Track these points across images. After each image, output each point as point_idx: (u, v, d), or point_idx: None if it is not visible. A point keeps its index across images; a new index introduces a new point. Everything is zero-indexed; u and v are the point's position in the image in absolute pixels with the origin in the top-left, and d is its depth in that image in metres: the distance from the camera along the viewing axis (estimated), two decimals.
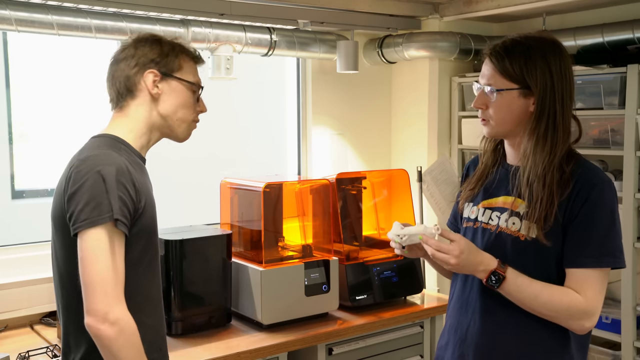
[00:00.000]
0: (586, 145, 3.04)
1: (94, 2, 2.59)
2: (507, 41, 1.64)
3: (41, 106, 3.05)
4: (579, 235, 1.58)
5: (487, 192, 1.75)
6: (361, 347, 2.68)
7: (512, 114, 1.63)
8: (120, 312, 1.47)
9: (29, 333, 2.59)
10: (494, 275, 1.59)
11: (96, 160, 1.51)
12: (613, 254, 1.58)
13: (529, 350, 1.66)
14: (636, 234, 2.83)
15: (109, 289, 1.46)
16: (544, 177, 1.59)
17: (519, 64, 1.59)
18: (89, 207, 1.47)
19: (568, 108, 1.61)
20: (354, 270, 2.77)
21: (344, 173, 3.03)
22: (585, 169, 1.62)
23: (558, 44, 1.66)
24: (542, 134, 1.60)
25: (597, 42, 3.05)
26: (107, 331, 1.45)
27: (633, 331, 2.84)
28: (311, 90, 3.57)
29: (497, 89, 1.62)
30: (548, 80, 1.59)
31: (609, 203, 1.59)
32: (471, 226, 1.77)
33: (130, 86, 1.65)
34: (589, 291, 1.57)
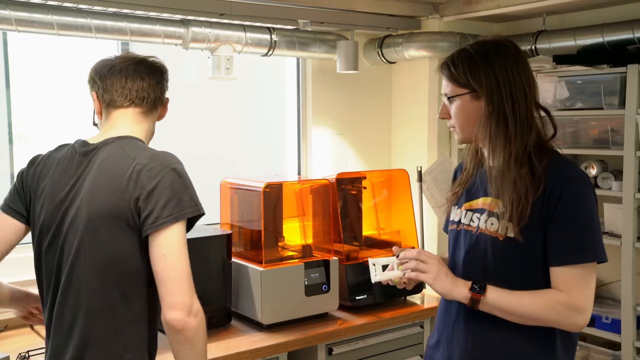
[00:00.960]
0: (586, 145, 3.04)
1: (94, 2, 2.59)
2: (455, 52, 1.73)
3: (41, 106, 3.04)
4: (558, 233, 1.59)
5: (469, 195, 1.79)
6: (361, 347, 2.68)
7: (469, 117, 1.68)
8: (199, 305, 1.59)
9: (29, 333, 2.58)
10: (476, 284, 1.61)
11: (165, 157, 1.64)
12: (594, 249, 1.59)
13: (514, 350, 1.67)
14: (636, 234, 2.83)
15: (191, 283, 1.57)
16: (505, 175, 1.62)
17: (462, 69, 1.67)
18: (171, 203, 1.57)
19: (521, 103, 1.63)
20: (354, 270, 2.77)
21: (344, 173, 3.04)
22: (559, 165, 1.63)
23: (504, 45, 1.69)
24: (494, 131, 1.63)
25: (597, 42, 3.05)
26: (192, 323, 1.55)
27: (633, 331, 2.84)
28: (311, 90, 3.57)
29: (450, 96, 1.71)
30: (492, 80, 1.63)
31: (586, 198, 1.60)
32: (455, 228, 1.80)
33: (158, 102, 1.82)
34: (572, 288, 1.57)
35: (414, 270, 1.67)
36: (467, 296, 1.61)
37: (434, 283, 1.64)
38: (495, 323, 1.65)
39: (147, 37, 2.77)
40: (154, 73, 1.81)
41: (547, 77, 3.08)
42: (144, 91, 1.77)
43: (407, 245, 2.99)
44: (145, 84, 1.77)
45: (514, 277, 1.64)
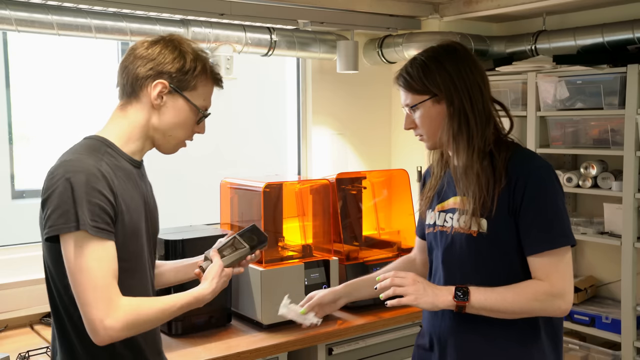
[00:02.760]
0: (586, 145, 3.04)
1: (94, 2, 2.59)
2: (407, 63, 1.76)
3: (41, 106, 3.05)
4: (529, 223, 1.63)
5: (440, 196, 1.83)
6: (361, 347, 2.68)
7: (434, 122, 1.72)
8: (114, 315, 1.44)
9: (29, 333, 2.59)
10: (459, 290, 1.63)
11: (68, 166, 1.48)
12: (565, 234, 1.63)
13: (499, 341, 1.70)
14: (636, 234, 2.83)
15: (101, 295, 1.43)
16: (469, 170, 1.67)
17: (418, 76, 1.71)
18: (55, 214, 1.44)
19: (477, 99, 1.68)
20: (354, 270, 2.77)
21: (344, 173, 3.04)
22: (522, 157, 1.68)
23: (453, 47, 1.75)
24: (457, 131, 1.68)
25: (597, 42, 3.05)
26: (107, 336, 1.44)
27: (633, 331, 2.84)
28: (311, 90, 3.57)
29: (412, 105, 1.75)
30: (448, 81, 1.68)
31: (551, 186, 1.65)
32: (432, 231, 1.83)
33: (136, 87, 1.59)
34: (551, 274, 1.62)
35: (394, 295, 1.68)
36: (452, 304, 1.63)
37: (417, 303, 1.66)
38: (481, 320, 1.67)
39: (147, 37, 2.76)
40: (127, 55, 1.61)
41: (547, 77, 3.08)
42: (122, 76, 1.60)
43: (407, 245, 2.99)
44: (119, 71, 1.61)
45: (492, 270, 1.68)
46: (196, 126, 1.66)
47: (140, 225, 1.60)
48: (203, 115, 1.65)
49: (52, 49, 3.03)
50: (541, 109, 3.13)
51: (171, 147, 1.66)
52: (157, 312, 1.52)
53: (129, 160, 1.60)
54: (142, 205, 1.62)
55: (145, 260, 1.64)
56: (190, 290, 1.60)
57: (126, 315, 1.45)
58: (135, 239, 1.58)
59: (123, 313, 1.45)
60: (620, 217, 2.87)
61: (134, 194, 1.59)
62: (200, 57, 1.62)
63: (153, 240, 1.71)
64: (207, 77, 1.63)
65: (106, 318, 1.43)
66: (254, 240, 1.79)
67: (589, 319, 3.00)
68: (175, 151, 1.68)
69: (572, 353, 3.09)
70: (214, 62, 1.68)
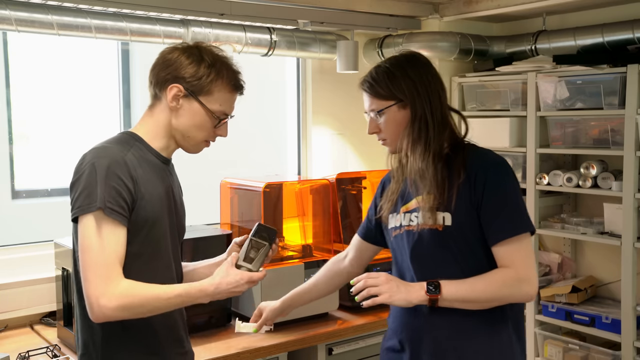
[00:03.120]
0: (586, 145, 3.04)
1: (94, 2, 2.59)
2: (372, 70, 1.85)
3: (41, 106, 3.05)
4: (490, 216, 1.72)
5: (404, 199, 1.89)
6: (361, 347, 2.68)
7: (399, 126, 1.82)
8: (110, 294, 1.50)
9: (29, 333, 2.59)
10: (430, 284, 1.70)
11: (95, 152, 1.59)
12: (524, 221, 1.74)
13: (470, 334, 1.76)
14: (636, 234, 2.83)
15: (98, 275, 1.50)
16: (424, 173, 1.77)
17: (385, 83, 1.80)
18: (82, 195, 1.54)
19: (437, 106, 1.80)
20: None
21: (344, 173, 3.04)
22: (478, 154, 1.80)
23: (415, 56, 1.86)
24: (416, 136, 1.78)
25: (597, 42, 3.05)
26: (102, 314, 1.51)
27: (633, 331, 2.84)
28: (311, 90, 3.57)
29: (378, 111, 1.83)
30: (412, 87, 1.78)
31: (507, 179, 1.76)
32: (398, 233, 1.89)
33: (158, 90, 1.69)
34: (515, 260, 1.70)
35: (369, 296, 1.75)
36: (425, 298, 1.70)
37: (391, 301, 1.73)
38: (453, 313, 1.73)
39: (147, 37, 2.77)
40: (156, 58, 1.72)
41: (547, 77, 3.08)
42: (149, 80, 1.71)
43: None
44: (149, 74, 1.72)
45: (460, 262, 1.75)
46: (216, 129, 1.74)
47: (162, 215, 1.67)
48: (219, 120, 1.72)
49: (52, 49, 3.03)
50: (541, 109, 3.13)
51: (191, 146, 1.75)
52: (153, 297, 1.56)
53: (157, 155, 1.71)
54: (166, 198, 1.70)
55: (166, 250, 1.70)
56: (189, 284, 1.64)
57: (122, 296, 1.51)
58: (155, 227, 1.65)
59: (119, 294, 1.51)
60: (620, 217, 2.87)
61: (158, 185, 1.67)
62: (218, 63, 1.69)
63: (179, 236, 1.79)
64: (223, 83, 1.70)
65: (102, 296, 1.49)
66: (268, 235, 1.84)
67: (589, 319, 3.00)
68: (198, 151, 1.77)
69: (572, 353, 3.09)
70: (237, 68, 1.74)
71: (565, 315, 3.08)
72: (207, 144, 1.77)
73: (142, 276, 1.60)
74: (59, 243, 2.49)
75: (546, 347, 3.17)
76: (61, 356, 2.31)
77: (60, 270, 2.46)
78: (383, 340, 1.99)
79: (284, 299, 2.19)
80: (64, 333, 2.46)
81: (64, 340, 2.46)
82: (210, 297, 1.63)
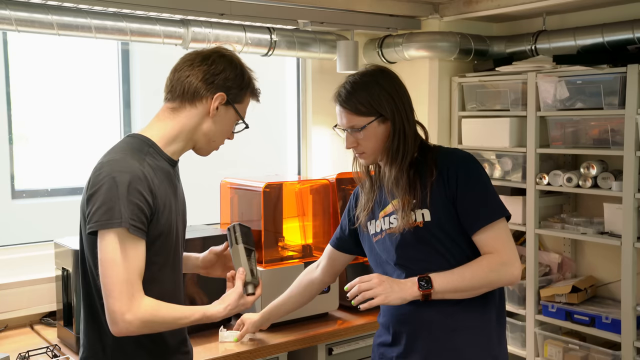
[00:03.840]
0: (586, 145, 3.04)
1: (94, 2, 2.59)
2: (347, 85, 1.88)
3: (41, 106, 3.05)
4: (467, 206, 1.81)
5: (380, 204, 1.94)
6: (361, 347, 2.68)
7: (379, 140, 1.87)
8: (135, 310, 1.53)
9: (29, 333, 2.59)
10: (421, 280, 1.77)
11: (114, 165, 1.57)
12: (497, 206, 1.84)
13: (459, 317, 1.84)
14: (636, 234, 2.83)
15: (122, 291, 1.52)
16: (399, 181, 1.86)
17: (365, 99, 1.83)
18: (101, 210, 1.53)
19: (411, 118, 1.89)
20: (354, 270, 2.77)
21: (344, 173, 3.03)
22: (446, 153, 1.90)
23: (384, 70, 1.91)
24: (395, 148, 1.85)
25: (597, 42, 3.05)
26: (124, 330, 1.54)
27: (633, 331, 2.84)
28: (311, 90, 3.57)
29: (360, 127, 1.86)
30: (391, 101, 1.84)
31: (476, 171, 1.86)
32: (380, 238, 1.93)
33: (196, 96, 1.68)
34: (497, 245, 1.79)
35: (364, 300, 1.77)
36: (419, 294, 1.76)
37: (388, 302, 1.77)
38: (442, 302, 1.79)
39: (147, 37, 2.77)
40: (182, 63, 1.70)
41: (547, 77, 3.08)
42: (178, 82, 1.68)
43: None
44: (173, 77, 1.70)
45: (444, 255, 1.83)
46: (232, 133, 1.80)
47: (174, 223, 1.69)
48: (246, 126, 1.81)
49: (52, 49, 3.03)
50: (541, 109, 3.13)
51: (210, 150, 1.80)
52: (173, 319, 1.62)
53: (168, 160, 1.70)
54: (176, 203, 1.71)
55: (178, 255, 1.74)
56: (204, 308, 1.71)
57: (145, 314, 1.55)
58: (171, 236, 1.67)
59: (143, 311, 1.54)
60: (620, 217, 2.87)
61: (170, 193, 1.68)
62: (247, 73, 1.77)
63: (182, 235, 1.80)
64: (251, 92, 1.80)
65: (127, 312, 1.52)
66: (250, 237, 1.91)
67: (589, 319, 3.00)
68: (209, 153, 1.82)
69: (572, 353, 3.09)
70: (254, 76, 1.81)
71: (565, 315, 3.08)
72: (218, 148, 1.82)
73: (152, 283, 1.63)
74: (59, 243, 2.49)
75: (546, 347, 3.17)
76: (61, 356, 2.31)
77: (60, 270, 2.46)
78: (374, 338, 2.03)
79: (262, 313, 2.33)
80: (64, 333, 2.46)
81: (64, 340, 2.46)
82: (220, 319, 1.74)
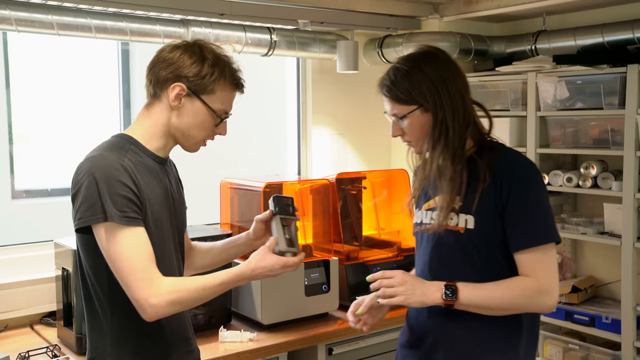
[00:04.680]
0: (586, 145, 3.04)
1: (94, 2, 2.59)
2: (389, 71, 1.78)
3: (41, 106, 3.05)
4: (516, 220, 1.67)
5: (427, 196, 1.86)
6: (361, 347, 2.68)
7: (423, 129, 1.75)
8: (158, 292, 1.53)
9: (29, 333, 2.59)
10: (447, 289, 1.67)
11: (92, 162, 1.57)
12: (550, 231, 1.68)
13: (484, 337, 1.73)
14: (636, 234, 2.83)
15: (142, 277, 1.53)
16: (442, 176, 1.72)
17: (404, 87, 1.73)
18: (82, 207, 1.55)
19: (458, 107, 1.72)
20: (354, 270, 2.77)
21: (344, 173, 3.04)
22: (505, 156, 1.73)
23: (432, 53, 1.78)
24: (436, 139, 1.72)
25: (597, 42, 3.05)
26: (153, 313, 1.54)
27: (633, 331, 2.84)
28: (311, 90, 3.57)
29: (400, 116, 1.76)
30: (433, 90, 1.71)
31: (535, 183, 1.70)
32: (419, 230, 1.87)
33: (158, 89, 1.67)
34: (538, 270, 1.65)
35: (383, 297, 1.73)
36: (441, 302, 1.67)
37: (408, 303, 1.71)
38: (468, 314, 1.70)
39: (147, 37, 2.77)
40: (153, 57, 1.69)
41: (547, 77, 3.08)
42: (147, 79, 1.69)
43: (407, 245, 2.99)
44: (146, 73, 1.70)
45: (480, 267, 1.71)
46: (216, 128, 1.74)
47: (162, 217, 1.68)
48: (221, 119, 1.71)
49: (52, 49, 3.03)
50: (541, 109, 3.13)
51: (191, 145, 1.74)
52: (199, 288, 1.61)
53: (152, 157, 1.70)
54: (165, 200, 1.70)
55: (168, 250, 1.72)
56: (232, 268, 1.67)
57: (169, 293, 1.55)
58: (157, 230, 1.66)
59: (166, 291, 1.54)
60: (620, 217, 2.87)
61: (156, 188, 1.67)
62: (221, 62, 1.68)
63: (179, 234, 1.79)
64: (225, 82, 1.70)
65: (151, 297, 1.52)
66: (290, 206, 1.86)
67: (589, 319, 3.00)
68: (197, 149, 1.76)
69: (572, 353, 3.09)
70: (238, 67, 1.73)
71: (565, 315, 3.08)
72: (204, 143, 1.77)
73: None
74: (59, 243, 2.49)
75: (546, 347, 3.17)
76: (61, 356, 2.31)
77: (60, 270, 2.46)
78: (400, 335, 1.96)
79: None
80: (64, 333, 2.46)
81: (64, 340, 2.46)
82: (248, 279, 1.69)
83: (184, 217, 1.84)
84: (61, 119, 3.08)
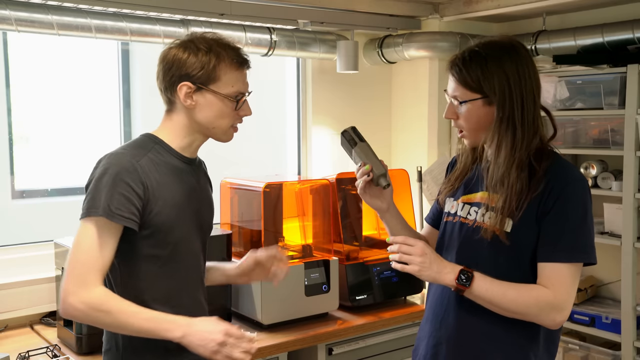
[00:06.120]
0: (586, 145, 3.04)
1: (94, 2, 2.59)
2: (466, 51, 1.68)
3: (41, 107, 3.04)
4: (552, 230, 1.61)
5: (467, 188, 1.79)
6: (361, 347, 2.68)
7: (480, 122, 1.67)
8: (84, 298, 1.51)
9: (29, 333, 2.59)
10: (463, 274, 1.62)
11: (109, 159, 1.60)
12: (584, 250, 1.61)
13: (497, 341, 1.69)
14: (636, 234, 2.83)
15: (78, 275, 1.52)
16: (505, 177, 1.63)
17: (476, 74, 1.63)
18: (87, 199, 1.57)
19: (529, 109, 1.64)
20: (354, 270, 2.77)
21: (344, 173, 3.03)
22: (558, 167, 1.65)
23: (515, 47, 1.67)
24: (502, 138, 1.64)
25: (597, 42, 3.05)
26: (70, 310, 1.53)
27: (633, 331, 2.84)
28: (311, 90, 3.57)
29: (461, 100, 1.67)
30: (505, 86, 1.62)
31: (582, 199, 1.63)
32: (451, 220, 1.81)
33: (170, 94, 1.67)
34: (558, 285, 1.59)
35: (399, 261, 1.68)
36: (453, 285, 1.63)
37: (419, 275, 1.66)
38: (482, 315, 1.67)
39: (147, 37, 2.77)
40: (157, 64, 1.70)
41: (547, 77, 3.08)
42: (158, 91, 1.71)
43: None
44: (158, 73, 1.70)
45: (505, 270, 1.65)
46: (239, 111, 1.72)
47: (180, 218, 1.67)
48: (236, 101, 1.69)
49: (52, 49, 3.03)
50: None
51: (221, 135, 1.73)
52: (119, 311, 1.54)
53: (177, 156, 1.70)
54: (187, 201, 1.69)
55: (187, 252, 1.71)
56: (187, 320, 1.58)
57: (90, 300, 1.52)
58: (173, 231, 1.65)
59: (88, 298, 1.52)
60: (620, 217, 2.87)
61: (176, 188, 1.66)
62: (214, 48, 1.66)
63: (203, 234, 1.78)
64: (227, 64, 1.67)
65: (71, 295, 1.52)
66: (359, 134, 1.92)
67: (589, 319, 3.00)
68: (229, 138, 1.76)
69: (572, 353, 3.09)
70: (234, 45, 1.71)
71: None
72: (235, 129, 1.75)
73: (158, 279, 1.64)
74: (59, 243, 2.49)
75: None
76: (61, 356, 2.30)
77: (60, 270, 2.45)
78: (412, 353, 1.95)
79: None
80: (64, 333, 2.46)
81: (64, 340, 2.46)
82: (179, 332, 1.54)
83: (209, 218, 1.83)
84: (61, 119, 3.08)
